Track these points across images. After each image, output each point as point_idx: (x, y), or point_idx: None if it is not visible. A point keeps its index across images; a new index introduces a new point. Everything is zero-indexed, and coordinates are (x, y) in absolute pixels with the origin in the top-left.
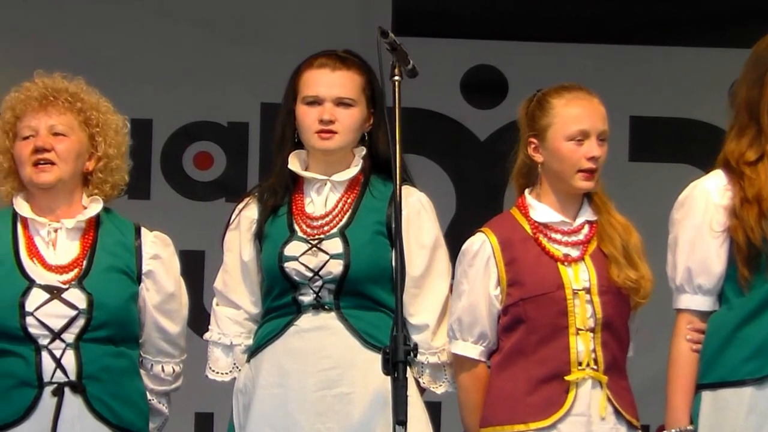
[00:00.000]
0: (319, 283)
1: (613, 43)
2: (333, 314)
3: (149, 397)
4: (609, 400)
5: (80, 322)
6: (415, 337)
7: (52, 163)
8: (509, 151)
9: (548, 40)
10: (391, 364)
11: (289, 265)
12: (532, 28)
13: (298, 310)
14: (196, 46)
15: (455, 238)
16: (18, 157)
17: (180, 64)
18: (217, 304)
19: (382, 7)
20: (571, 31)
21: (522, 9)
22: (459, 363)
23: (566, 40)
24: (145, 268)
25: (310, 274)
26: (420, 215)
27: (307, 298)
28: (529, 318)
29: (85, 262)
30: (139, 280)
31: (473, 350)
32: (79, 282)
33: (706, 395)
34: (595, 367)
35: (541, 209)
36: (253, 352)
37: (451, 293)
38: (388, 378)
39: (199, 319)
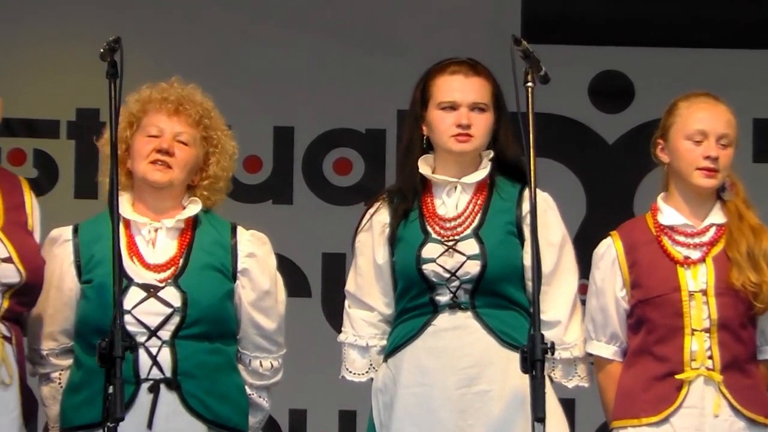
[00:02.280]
0: (456, 283)
1: (736, 47)
2: (469, 313)
3: (249, 392)
4: (725, 398)
5: (175, 319)
6: (547, 333)
7: (169, 166)
8: (637, 153)
9: (673, 46)
10: (529, 363)
11: (427, 267)
12: (657, 33)
13: (435, 310)
14: (335, 56)
15: (585, 240)
16: (137, 150)
17: (320, 74)
18: (350, 307)
19: (511, 15)
20: (695, 36)
21: (648, 15)
22: (596, 362)
23: (690, 45)
24: (240, 266)
25: (448, 275)
26: (546, 214)
27: (443, 298)
28: (648, 319)
29: (181, 261)
30: (234, 278)
31: (606, 350)
32: (175, 280)
33: None
34: (711, 366)
35: (667, 212)
36: (390, 351)
37: (579, 289)
38: (525, 376)
39: (340, 319)
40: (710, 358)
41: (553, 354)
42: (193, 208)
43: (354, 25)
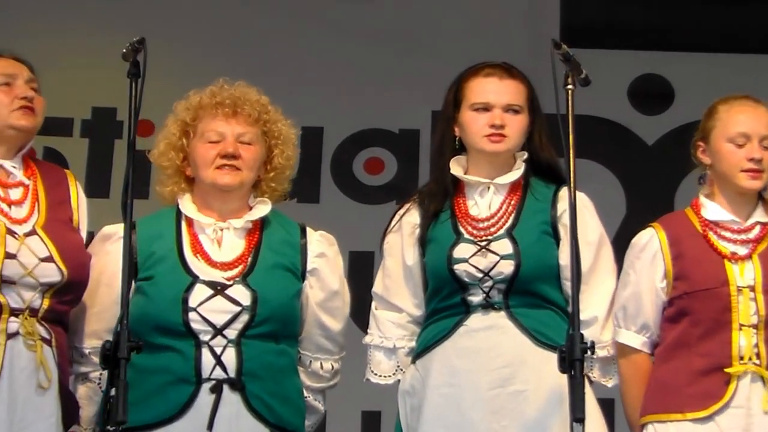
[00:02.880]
0: (489, 283)
1: None
2: (503, 313)
3: (306, 394)
4: None
5: (244, 318)
6: (584, 332)
7: (238, 169)
8: (677, 155)
9: (712, 50)
10: (568, 362)
11: (459, 267)
12: (696, 38)
13: (467, 310)
14: (367, 57)
15: (625, 240)
16: (200, 158)
17: (351, 74)
18: (377, 308)
19: (550, 20)
20: (734, 41)
21: (687, 20)
22: (621, 351)
23: (728, 51)
24: (310, 265)
25: (480, 275)
26: (583, 214)
27: (476, 299)
28: (693, 311)
29: (250, 259)
30: (303, 278)
31: (636, 339)
32: (244, 278)
33: None
34: (758, 362)
35: (712, 208)
36: (420, 353)
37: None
38: (561, 375)
39: (367, 319)
40: (757, 355)
41: (593, 353)
42: (263, 208)
43: (390, 27)
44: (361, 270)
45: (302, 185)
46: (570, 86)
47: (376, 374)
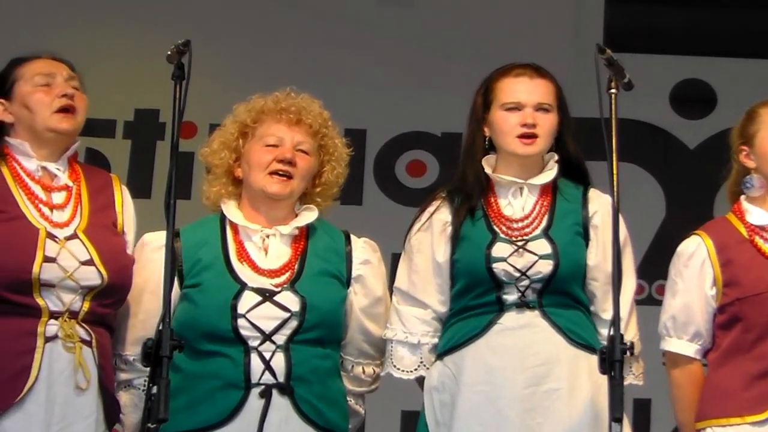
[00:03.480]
0: (526, 282)
1: None
2: (537, 312)
3: (347, 398)
4: None
5: (293, 324)
6: (605, 332)
7: (291, 177)
8: (719, 159)
9: (754, 56)
10: (608, 363)
11: (498, 266)
12: (739, 43)
13: (501, 308)
14: (410, 59)
15: (664, 244)
16: (255, 160)
17: (394, 76)
18: (399, 303)
19: (594, 24)
20: None
21: (729, 25)
22: (673, 360)
23: None
24: (354, 272)
25: (518, 274)
26: (610, 215)
27: (511, 297)
28: (745, 317)
29: (297, 266)
30: (348, 284)
31: (688, 348)
32: (292, 285)
33: None
34: None
35: (756, 213)
36: (449, 349)
37: (656, 290)
38: (593, 374)
39: None
40: None
41: (632, 355)
42: (309, 215)
43: (432, 30)
44: None
45: (345, 187)
46: (613, 90)
47: (398, 369)
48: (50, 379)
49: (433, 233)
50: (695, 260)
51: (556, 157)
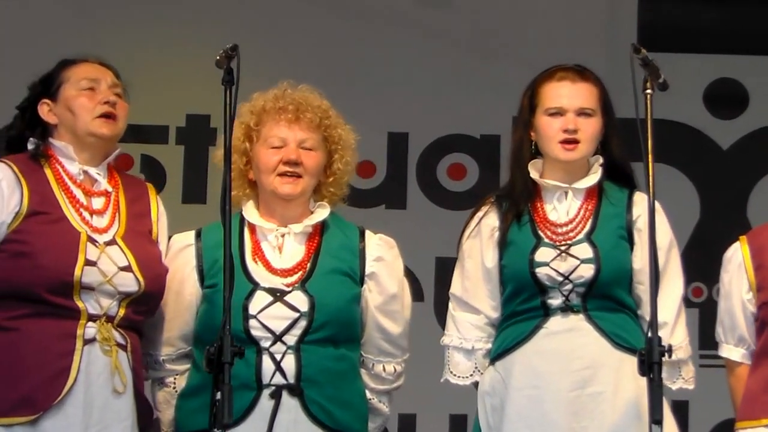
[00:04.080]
0: (569, 286)
1: None
2: (581, 316)
3: (369, 396)
4: None
5: (302, 324)
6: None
7: (299, 176)
8: (752, 159)
9: None
10: (647, 365)
11: (541, 271)
12: None
13: (546, 313)
14: (449, 63)
15: (699, 244)
16: (262, 163)
17: (435, 80)
18: (455, 310)
19: (627, 23)
20: None
21: (763, 24)
22: (727, 365)
23: None
24: (368, 269)
25: (561, 279)
26: (655, 218)
27: (555, 302)
28: None
29: (309, 265)
30: (362, 282)
31: (735, 353)
32: (302, 285)
33: None
34: None
35: None
36: (499, 354)
37: (693, 293)
38: (637, 377)
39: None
40: None
41: (670, 357)
42: (322, 212)
43: (470, 32)
44: (448, 276)
45: (390, 191)
46: (649, 91)
47: (454, 375)
48: (88, 381)
49: (482, 239)
50: (732, 265)
51: (601, 161)
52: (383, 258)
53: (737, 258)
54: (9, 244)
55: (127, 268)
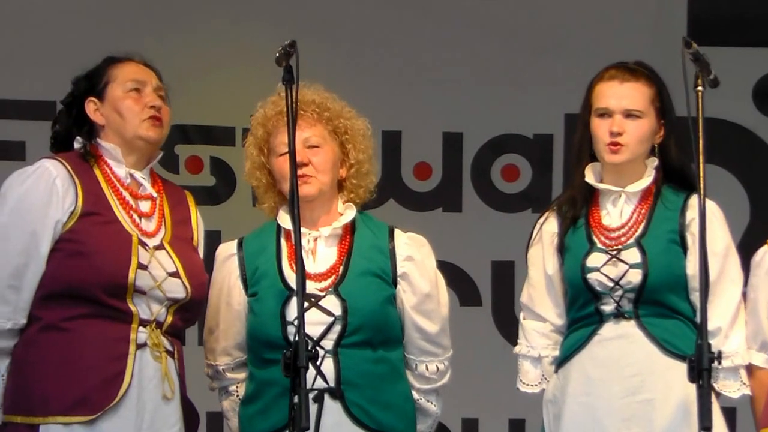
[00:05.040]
0: (620, 292)
1: None
2: (633, 322)
3: (416, 396)
4: None
5: (337, 328)
6: (713, 342)
7: (311, 176)
8: None
9: None
10: (696, 372)
11: (592, 276)
12: None
13: (601, 319)
14: (503, 60)
15: (748, 246)
16: (279, 172)
17: (488, 78)
18: (524, 318)
19: (678, 17)
20: None
21: None
22: (750, 370)
23: None
24: (399, 270)
25: (611, 284)
26: (711, 223)
27: (608, 308)
28: None
29: (341, 269)
30: (395, 283)
31: (758, 358)
32: (335, 289)
33: None
34: None
35: None
36: (561, 362)
37: (744, 300)
38: (687, 384)
39: (510, 328)
40: None
41: (720, 363)
42: (349, 213)
43: (521, 29)
44: (505, 279)
45: (446, 193)
46: (700, 88)
47: (524, 383)
48: (140, 385)
49: (543, 245)
50: (760, 269)
51: (656, 163)
52: (413, 257)
53: (764, 262)
54: (65, 243)
55: (175, 274)
